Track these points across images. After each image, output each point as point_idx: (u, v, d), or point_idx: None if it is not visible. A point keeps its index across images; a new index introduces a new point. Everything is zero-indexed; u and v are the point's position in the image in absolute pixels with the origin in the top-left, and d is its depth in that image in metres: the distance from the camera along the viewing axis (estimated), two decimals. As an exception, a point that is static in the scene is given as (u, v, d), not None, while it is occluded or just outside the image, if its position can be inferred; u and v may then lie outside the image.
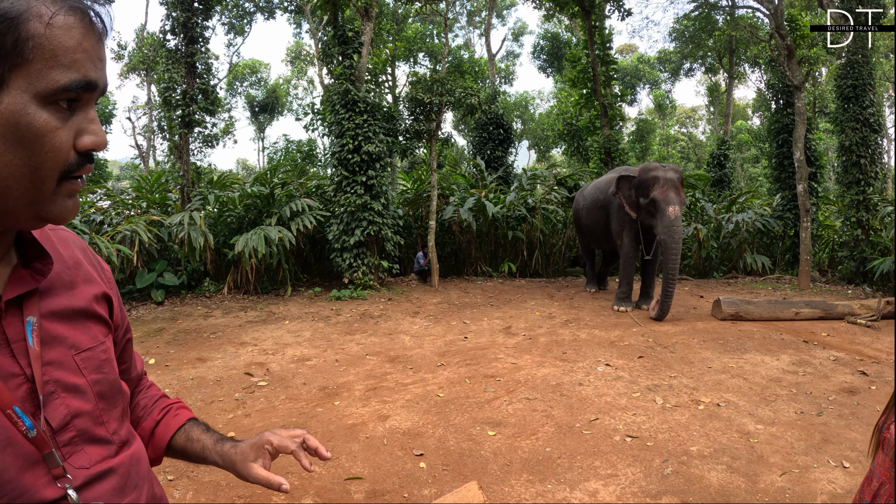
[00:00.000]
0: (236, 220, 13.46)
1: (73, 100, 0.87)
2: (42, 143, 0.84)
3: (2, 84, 0.82)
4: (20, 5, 0.82)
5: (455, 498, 2.87)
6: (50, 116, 0.85)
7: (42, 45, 0.83)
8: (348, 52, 13.43)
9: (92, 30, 0.88)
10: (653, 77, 46.15)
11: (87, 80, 0.86)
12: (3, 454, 0.85)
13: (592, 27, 18.03)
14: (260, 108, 46.55)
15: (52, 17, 0.84)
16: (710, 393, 6.00)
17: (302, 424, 5.42)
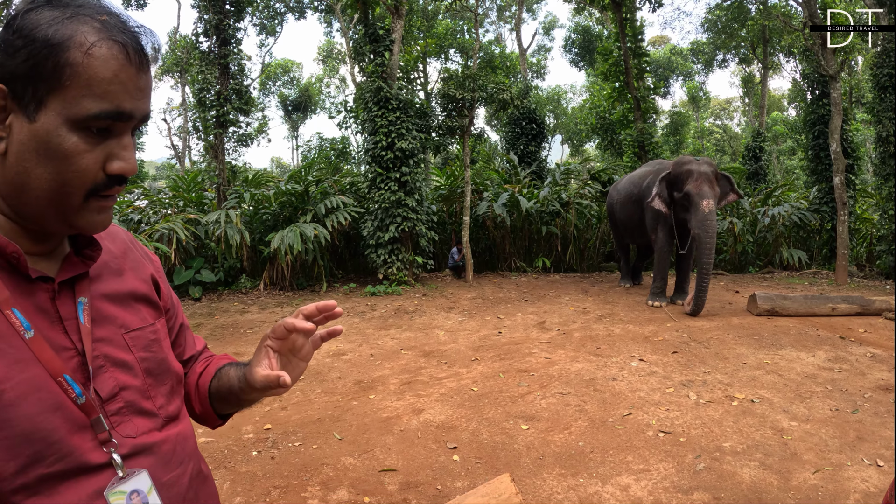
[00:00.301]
0: (272, 217, 13.64)
1: (104, 128, 0.94)
2: (69, 163, 0.93)
3: (40, 104, 0.91)
4: (64, 32, 0.90)
5: (488, 489, 2.93)
6: (79, 140, 0.93)
7: (78, 73, 0.90)
8: (379, 49, 13.53)
9: (130, 62, 0.95)
10: (686, 69, 45.55)
11: (118, 110, 0.94)
12: (53, 416, 0.93)
13: (623, 19, 17.90)
14: (293, 107, 46.98)
15: (91, 48, 0.91)
16: (744, 389, 5.98)
17: (337, 417, 5.53)
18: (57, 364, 0.96)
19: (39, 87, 0.90)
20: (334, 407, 5.83)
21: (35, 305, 0.99)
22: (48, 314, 1.00)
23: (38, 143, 0.91)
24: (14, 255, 0.97)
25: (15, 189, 0.95)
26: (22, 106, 0.91)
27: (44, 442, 0.91)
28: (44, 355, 0.95)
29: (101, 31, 0.93)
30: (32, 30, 0.91)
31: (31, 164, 0.92)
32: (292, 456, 4.77)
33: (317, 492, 4.21)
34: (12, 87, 0.91)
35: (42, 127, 0.91)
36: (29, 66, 0.90)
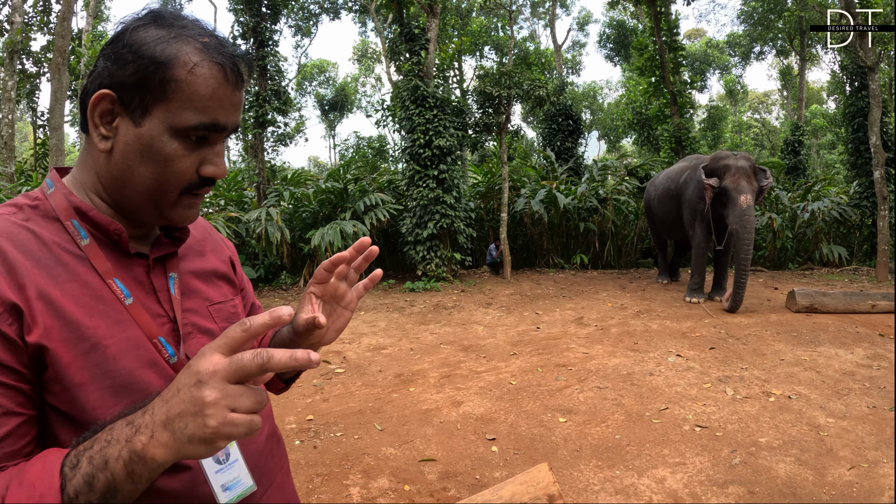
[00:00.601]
0: (311, 215, 13.86)
1: (201, 136, 1.09)
2: (169, 165, 1.07)
3: (146, 112, 1.05)
4: (170, 51, 1.04)
5: (526, 478, 3.03)
6: (178, 146, 1.06)
7: (182, 88, 1.04)
8: (415, 48, 13.66)
9: (227, 81, 1.08)
10: (722, 62, 44.80)
11: (214, 123, 1.08)
12: (149, 371, 1.07)
13: (658, 13, 17.75)
14: (329, 107, 47.35)
15: (194, 67, 1.04)
16: (781, 385, 5.99)
17: (378, 409, 5.67)
18: (153, 327, 1.10)
19: (146, 97, 1.04)
20: (375, 399, 5.98)
21: (133, 277, 1.13)
22: (144, 286, 1.15)
23: (142, 146, 1.05)
24: (116, 233, 1.12)
25: (118, 183, 1.10)
26: (128, 112, 1.05)
27: (141, 392, 1.04)
28: (141, 319, 1.09)
29: (202, 52, 1.06)
30: (141, 46, 1.04)
31: (135, 163, 1.06)
32: (334, 445, 4.92)
33: (358, 479, 4.35)
34: (120, 94, 1.05)
35: (147, 132, 1.05)
36: (137, 79, 1.03)
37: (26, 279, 1.00)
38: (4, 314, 0.96)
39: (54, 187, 1.14)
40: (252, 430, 0.85)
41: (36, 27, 14.89)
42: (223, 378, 0.84)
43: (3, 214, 1.08)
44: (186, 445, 0.84)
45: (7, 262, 1.00)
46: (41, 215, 1.10)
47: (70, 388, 0.99)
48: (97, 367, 1.01)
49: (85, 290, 1.05)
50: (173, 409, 0.85)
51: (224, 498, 1.10)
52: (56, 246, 1.07)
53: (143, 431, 0.86)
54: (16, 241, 1.03)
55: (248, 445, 1.19)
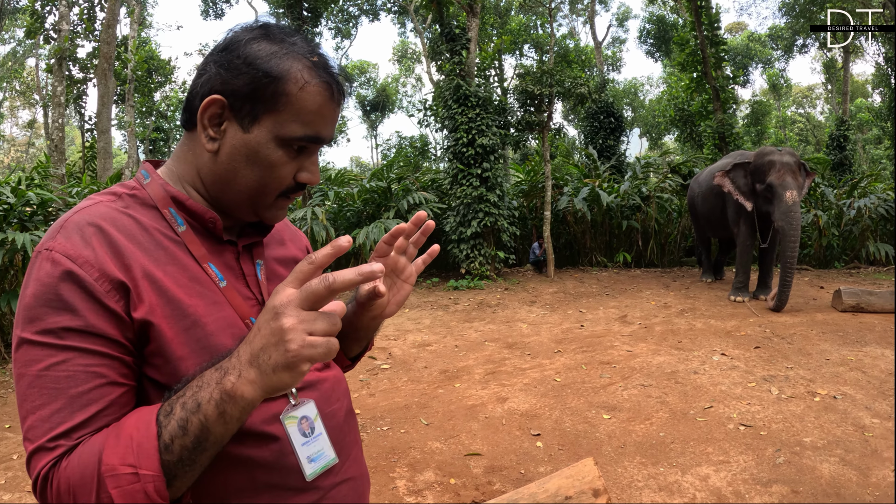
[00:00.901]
0: (355, 214, 14.06)
1: (302, 146, 1.20)
2: (272, 171, 1.18)
3: (255, 120, 1.16)
4: (284, 67, 1.15)
5: (572, 472, 3.12)
6: (282, 154, 1.18)
7: (291, 103, 1.15)
8: (456, 48, 13.75)
9: (332, 99, 1.19)
10: (765, 55, 43.95)
11: (317, 136, 1.19)
12: None
13: (699, 7, 17.49)
14: (371, 107, 47.71)
15: (305, 85, 1.15)
16: (826, 385, 5.97)
17: (424, 404, 5.79)
18: (244, 308, 1.21)
19: (257, 107, 1.15)
20: (420, 394, 6.10)
21: (224, 263, 1.25)
22: (234, 270, 1.26)
23: (249, 151, 1.17)
24: (212, 221, 1.23)
25: (221, 182, 1.21)
26: (238, 118, 1.16)
27: None
28: (234, 301, 1.20)
29: (311, 70, 1.17)
30: (256, 59, 1.15)
31: (240, 165, 1.18)
32: (381, 439, 5.05)
33: (404, 472, 4.47)
34: (231, 101, 1.16)
35: (255, 139, 1.16)
36: (250, 89, 1.14)
37: (131, 260, 1.09)
38: (112, 291, 1.05)
39: (150, 178, 1.24)
40: (330, 350, 0.93)
41: (82, 35, 15.31)
42: (297, 305, 0.92)
43: (104, 202, 1.17)
44: (272, 376, 0.93)
45: (113, 245, 1.09)
46: (139, 203, 1.20)
47: (172, 361, 1.09)
48: (197, 343, 1.11)
49: (184, 272, 1.16)
50: (256, 345, 0.94)
51: (309, 469, 1.19)
52: (155, 231, 1.17)
53: (232, 372, 0.96)
54: (118, 226, 1.13)
55: (330, 420, 1.29)
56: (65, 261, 1.04)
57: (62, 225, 1.11)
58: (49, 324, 1.02)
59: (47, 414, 0.99)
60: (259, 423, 1.16)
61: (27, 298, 1.04)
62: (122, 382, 1.06)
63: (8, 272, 8.16)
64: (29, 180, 9.68)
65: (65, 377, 1.00)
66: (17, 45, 41.71)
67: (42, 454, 0.99)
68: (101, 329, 1.04)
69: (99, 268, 1.06)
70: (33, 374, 1.01)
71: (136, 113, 26.69)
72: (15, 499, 4.37)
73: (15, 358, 1.05)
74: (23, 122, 50.97)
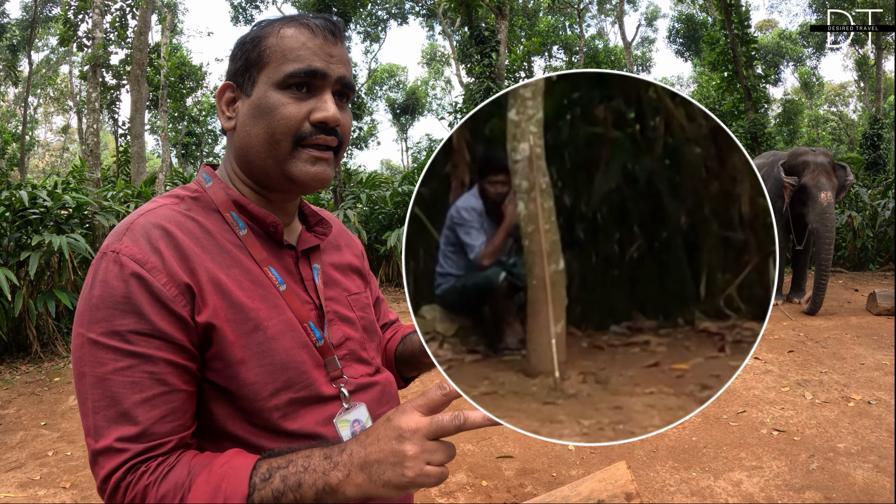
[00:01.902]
0: (387, 216, 14.11)
1: (302, 84, 1.19)
2: (274, 114, 1.17)
3: (253, 83, 1.21)
4: (262, 31, 1.23)
5: (604, 475, 3.14)
6: (282, 96, 1.19)
7: (274, 50, 1.19)
8: (486, 50, 13.78)
9: (315, 34, 1.20)
10: (796, 53, 43.34)
11: (310, 68, 1.18)
12: (302, 352, 1.21)
13: (728, 5, 17.29)
14: (401, 110, 47.88)
15: (281, 30, 1.20)
16: (861, 390, 5.92)
17: (455, 407, 5.79)
18: (303, 312, 1.24)
19: (252, 72, 1.21)
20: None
21: (283, 266, 1.28)
22: (293, 274, 1.29)
23: (253, 109, 1.20)
24: (273, 225, 1.27)
25: (243, 152, 1.24)
26: (243, 90, 1.23)
27: (295, 371, 1.18)
28: (293, 304, 1.23)
29: (287, 20, 1.23)
30: (241, 41, 1.25)
31: (249, 126, 1.21)
32: (414, 442, 5.09)
33: (438, 477, 4.51)
34: (235, 81, 1.24)
35: (255, 96, 1.20)
36: (244, 62, 1.22)
37: (196, 264, 1.12)
38: (179, 296, 1.08)
39: (212, 182, 1.28)
40: (441, 480, 1.00)
41: (114, 42, 15.57)
42: (423, 436, 0.99)
43: (168, 205, 1.20)
44: (380, 488, 0.99)
45: (179, 248, 1.12)
46: (201, 206, 1.23)
47: (232, 365, 1.12)
48: (258, 346, 1.14)
49: (246, 275, 1.19)
50: (371, 456, 1.00)
51: None
52: (218, 234, 1.20)
53: (341, 469, 1.01)
54: (183, 229, 1.15)
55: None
56: (132, 264, 1.07)
57: (128, 227, 1.13)
58: (116, 326, 1.05)
59: (113, 416, 1.03)
60: (313, 425, 1.20)
61: (94, 299, 1.07)
62: (185, 389, 1.09)
63: (44, 274, 8.34)
64: (65, 184, 9.87)
65: (130, 382, 1.04)
66: (50, 53, 42.51)
67: (110, 455, 1.03)
68: (168, 334, 1.07)
69: (166, 272, 1.09)
70: (98, 375, 1.04)
71: (168, 118, 27.04)
72: (50, 494, 4.47)
73: (78, 356, 1.07)
74: (57, 128, 51.89)
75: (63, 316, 8.83)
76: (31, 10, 33.23)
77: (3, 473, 4.84)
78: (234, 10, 28.95)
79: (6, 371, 7.59)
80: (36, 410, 6.32)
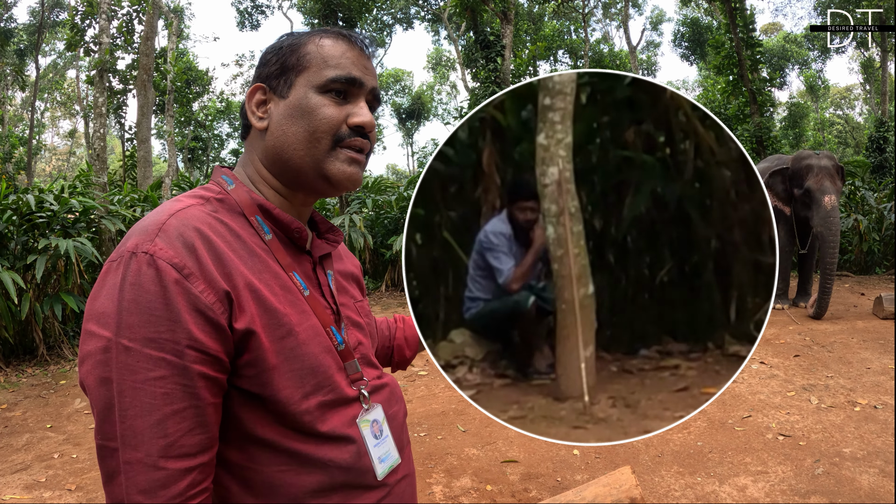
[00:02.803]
0: (392, 221, 14.14)
1: (341, 91, 1.25)
2: (315, 114, 1.22)
3: (290, 86, 1.25)
4: (300, 39, 1.29)
5: (609, 480, 3.14)
6: (322, 99, 1.24)
7: (314, 56, 1.25)
8: (491, 55, 13.81)
9: (353, 46, 1.29)
10: (801, 56, 43.29)
11: (349, 75, 1.25)
12: (327, 356, 1.23)
13: (733, 9, 17.28)
14: (406, 115, 48.02)
15: (321, 40, 1.27)
16: (867, 394, 5.90)
17: (461, 411, 5.82)
18: (326, 318, 1.26)
19: (289, 75, 1.25)
20: (458, 401, 6.12)
21: (304, 272, 1.29)
22: (311, 280, 1.31)
23: (291, 109, 1.23)
24: (297, 231, 1.28)
25: (277, 151, 1.25)
26: (277, 93, 1.26)
27: (322, 375, 1.20)
28: (317, 310, 1.25)
29: (325, 32, 1.29)
30: (277, 47, 1.29)
31: (287, 125, 1.23)
32: (418, 445, 5.09)
33: (441, 478, 4.51)
34: (268, 83, 1.27)
35: (294, 98, 1.24)
36: (279, 65, 1.27)
37: (232, 268, 1.11)
38: (217, 303, 1.06)
39: (235, 184, 1.27)
40: None
41: (121, 47, 15.66)
42: None
43: (195, 205, 1.18)
44: None
45: (214, 251, 1.10)
46: (227, 209, 1.22)
47: (265, 371, 1.11)
48: (290, 352, 1.15)
49: (275, 280, 1.19)
50: None
51: (380, 468, 1.26)
52: (246, 238, 1.20)
53: None
54: (215, 231, 1.14)
55: (392, 423, 1.35)
56: (169, 269, 1.04)
57: (160, 227, 1.09)
58: (151, 333, 1.02)
59: (141, 427, 1.01)
60: (342, 427, 1.22)
61: (125, 302, 1.03)
62: (213, 402, 1.08)
63: (51, 277, 8.37)
64: (72, 188, 9.91)
65: (162, 394, 1.01)
66: (57, 58, 42.70)
67: (141, 469, 1.01)
68: (204, 344, 1.05)
69: (203, 278, 1.07)
70: (128, 383, 1.01)
71: (175, 122, 27.16)
72: (55, 496, 4.49)
73: (100, 360, 1.03)
74: (63, 132, 52.10)
75: (69, 319, 8.85)
76: (38, 16, 33.41)
77: (8, 475, 4.86)
78: (240, 15, 29.06)
79: (12, 374, 7.62)
80: (42, 413, 6.35)
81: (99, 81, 11.60)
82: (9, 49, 32.59)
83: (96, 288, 1.09)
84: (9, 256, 7.96)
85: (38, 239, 8.05)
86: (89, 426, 5.99)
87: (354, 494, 1.22)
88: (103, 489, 1.06)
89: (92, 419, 6.15)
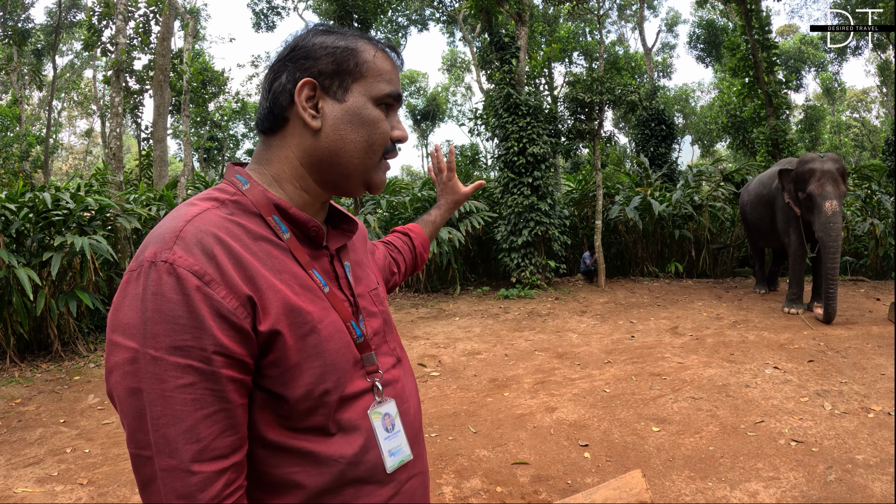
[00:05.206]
0: (406, 222, 14.16)
1: (388, 105, 1.32)
2: (376, 127, 1.29)
3: (347, 90, 1.27)
4: (355, 43, 1.30)
5: (619, 483, 3.12)
6: (379, 112, 1.29)
7: (371, 68, 1.29)
8: (506, 57, 13.80)
9: (396, 63, 1.35)
10: (818, 59, 42.82)
11: (398, 92, 1.33)
12: (347, 351, 1.24)
13: (749, 10, 17.11)
14: (421, 116, 48.04)
15: (376, 52, 1.31)
16: (881, 401, 5.84)
17: (472, 412, 5.82)
18: (345, 311, 1.28)
19: (345, 78, 1.27)
20: (469, 402, 6.14)
21: (322, 268, 1.30)
22: (329, 274, 1.32)
23: (351, 116, 1.26)
24: (315, 229, 1.29)
25: (331, 156, 1.27)
26: (330, 93, 1.27)
27: (342, 370, 1.21)
28: (337, 305, 1.27)
29: (374, 43, 1.33)
30: (329, 44, 1.28)
31: (346, 131, 1.26)
32: (429, 445, 5.09)
33: (451, 479, 4.51)
34: (320, 80, 1.27)
35: (352, 104, 1.27)
36: (335, 66, 1.27)
37: (254, 271, 1.12)
38: (240, 308, 1.07)
39: (249, 184, 1.26)
40: None
41: (138, 48, 15.77)
42: None
43: (211, 209, 1.17)
44: None
45: (234, 255, 1.11)
46: (243, 210, 1.21)
47: (289, 370, 1.13)
48: (313, 349, 1.17)
49: (295, 279, 1.20)
50: None
51: (390, 462, 1.27)
52: (264, 239, 1.19)
53: None
54: (233, 236, 1.14)
55: (404, 418, 1.36)
56: (190, 277, 1.05)
57: (177, 235, 1.09)
58: (177, 342, 1.03)
59: (174, 435, 1.02)
60: (351, 418, 1.23)
61: (149, 312, 1.03)
62: (241, 403, 1.10)
63: (66, 274, 8.45)
64: (88, 187, 9.99)
65: (192, 400, 1.03)
66: (74, 58, 43.02)
67: (177, 475, 1.03)
68: (229, 348, 1.06)
69: (225, 284, 1.07)
70: (158, 392, 1.02)
71: (190, 122, 27.29)
72: (67, 490, 4.53)
73: (128, 371, 1.04)
74: (80, 131, 52.45)
75: (84, 316, 8.94)
76: (55, 16, 33.61)
77: (21, 469, 4.91)
78: (256, 16, 29.13)
79: (27, 369, 7.70)
80: (55, 408, 6.40)
81: (115, 81, 11.66)
82: (26, 49, 32.87)
83: (118, 298, 1.09)
84: (25, 253, 8.05)
85: (55, 236, 8.13)
86: (102, 421, 6.04)
87: (364, 491, 1.22)
88: (140, 496, 1.07)
89: (105, 414, 6.22)
